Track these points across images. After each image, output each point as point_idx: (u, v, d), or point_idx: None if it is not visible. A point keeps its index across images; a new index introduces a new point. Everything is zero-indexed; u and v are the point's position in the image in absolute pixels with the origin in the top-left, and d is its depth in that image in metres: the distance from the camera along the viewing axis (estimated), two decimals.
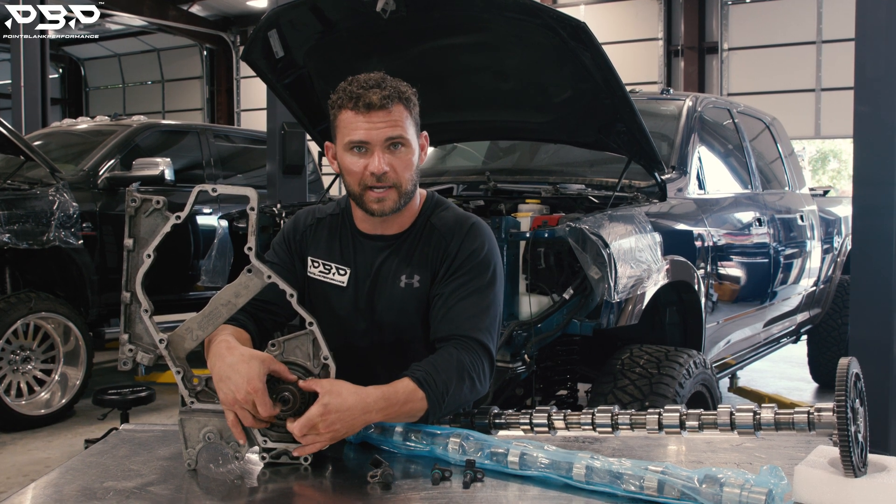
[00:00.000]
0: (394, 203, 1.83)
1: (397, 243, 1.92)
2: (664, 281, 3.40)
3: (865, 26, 3.72)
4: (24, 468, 4.44)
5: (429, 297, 1.88)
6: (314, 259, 1.96)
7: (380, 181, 1.79)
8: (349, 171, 1.82)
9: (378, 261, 1.92)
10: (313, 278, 1.96)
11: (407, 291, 1.88)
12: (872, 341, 3.66)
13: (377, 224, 1.91)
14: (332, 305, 1.93)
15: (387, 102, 1.76)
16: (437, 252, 1.89)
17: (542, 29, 3.04)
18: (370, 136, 1.77)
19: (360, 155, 1.79)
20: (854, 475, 1.27)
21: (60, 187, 5.39)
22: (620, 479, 1.36)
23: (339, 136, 1.83)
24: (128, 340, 1.56)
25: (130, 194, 1.55)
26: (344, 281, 1.92)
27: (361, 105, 1.76)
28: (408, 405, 1.63)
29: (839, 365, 1.32)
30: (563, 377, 3.45)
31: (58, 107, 22.54)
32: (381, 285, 1.91)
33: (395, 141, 1.79)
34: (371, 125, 1.76)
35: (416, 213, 1.94)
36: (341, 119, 1.80)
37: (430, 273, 1.88)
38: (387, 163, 1.78)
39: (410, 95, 1.83)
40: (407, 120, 1.81)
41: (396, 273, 1.90)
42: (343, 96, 1.79)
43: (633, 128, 3.31)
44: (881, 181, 3.66)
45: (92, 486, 1.43)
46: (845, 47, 11.65)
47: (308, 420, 1.50)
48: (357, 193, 1.83)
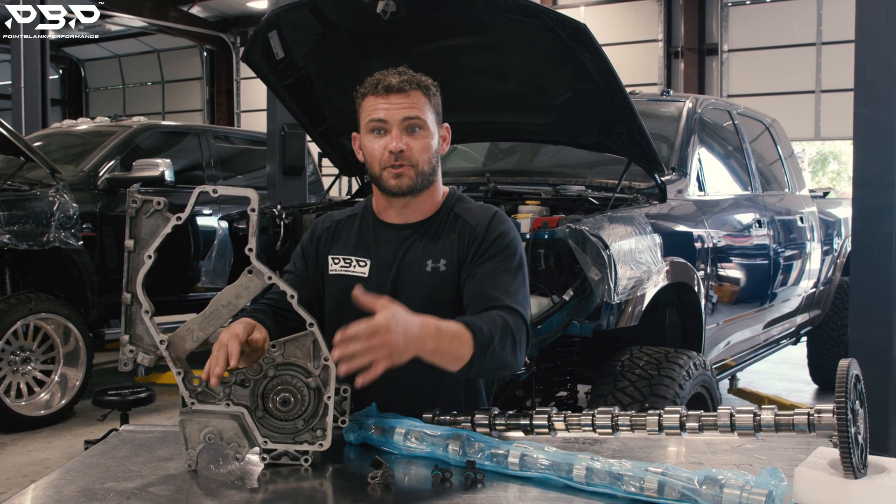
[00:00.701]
0: (411, 181, 1.88)
1: (422, 229, 1.96)
2: (664, 282, 3.40)
3: (865, 28, 3.72)
4: (24, 469, 4.43)
5: (458, 281, 1.90)
6: (334, 257, 1.99)
7: (397, 159, 1.86)
8: (370, 152, 1.90)
9: (403, 248, 1.95)
10: (335, 275, 1.98)
11: (434, 276, 1.91)
12: (872, 343, 3.66)
13: (400, 211, 1.95)
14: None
15: (405, 86, 1.86)
16: (463, 236, 1.92)
17: (542, 30, 3.04)
18: (388, 115, 1.86)
19: (380, 136, 1.88)
20: (854, 476, 1.28)
21: (60, 188, 5.39)
22: (621, 480, 1.36)
23: (361, 122, 1.92)
24: (128, 341, 1.57)
25: (131, 195, 1.55)
26: (365, 272, 1.95)
27: (381, 88, 1.86)
28: (455, 342, 1.63)
29: (839, 366, 1.32)
30: (563, 378, 3.45)
31: (58, 108, 22.54)
32: (405, 271, 1.93)
33: (413, 123, 1.87)
34: (389, 105, 1.86)
35: (438, 205, 1.99)
36: (363, 105, 1.90)
37: (458, 258, 1.91)
38: (404, 143, 1.86)
39: (430, 85, 1.92)
40: (425, 106, 1.90)
41: (422, 258, 1.92)
42: (366, 85, 1.90)
43: (633, 129, 3.31)
44: (881, 183, 3.66)
45: (92, 487, 1.43)
46: (845, 49, 11.64)
47: (373, 325, 1.47)
48: (377, 174, 1.90)
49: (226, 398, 1.57)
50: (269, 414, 1.57)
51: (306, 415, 1.56)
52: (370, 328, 1.47)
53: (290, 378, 1.57)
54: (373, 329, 1.47)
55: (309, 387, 1.56)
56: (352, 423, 1.67)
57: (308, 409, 1.56)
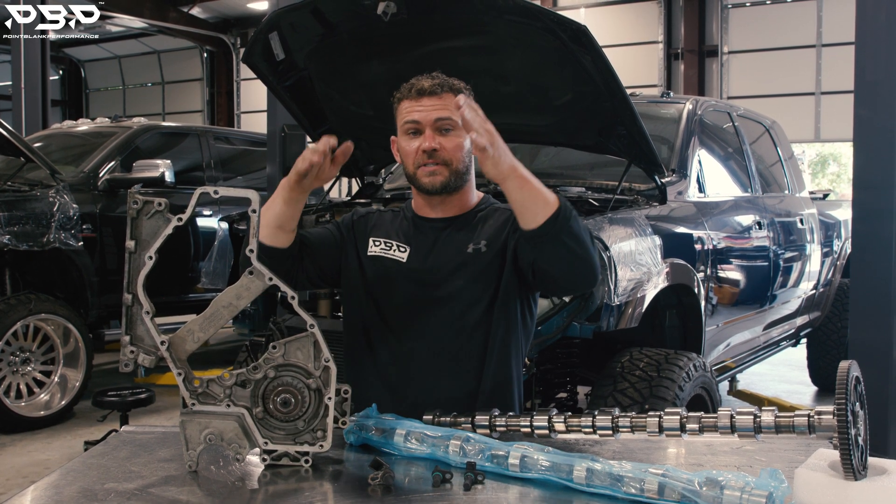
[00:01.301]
0: (444, 178, 1.97)
1: (459, 222, 2.05)
2: (664, 284, 3.40)
3: (865, 30, 3.72)
4: (24, 470, 4.43)
5: (502, 258, 1.98)
6: (376, 239, 2.08)
7: (431, 157, 1.95)
8: (405, 152, 2.00)
9: (442, 236, 2.04)
10: (374, 255, 2.06)
11: (475, 255, 1.99)
12: (872, 344, 3.66)
13: (437, 206, 2.05)
14: (393, 278, 2.02)
15: (437, 89, 1.97)
16: (500, 220, 2.02)
17: (542, 32, 3.04)
18: (421, 117, 1.96)
19: (414, 137, 1.98)
20: (854, 478, 1.28)
21: (60, 189, 5.40)
22: (621, 481, 1.36)
23: (398, 125, 2.02)
24: (129, 342, 1.57)
25: (132, 196, 1.55)
26: (404, 257, 2.03)
27: (414, 92, 1.98)
28: (542, 189, 1.77)
29: (839, 368, 1.32)
30: (563, 380, 3.44)
31: (58, 108, 22.55)
32: (444, 256, 2.01)
33: (445, 124, 1.96)
34: (422, 107, 1.96)
35: (473, 205, 2.08)
36: (399, 109, 2.01)
37: (501, 238, 1.99)
38: (437, 142, 1.95)
39: (462, 87, 2.01)
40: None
41: (463, 242, 2.01)
42: (402, 90, 2.02)
43: (634, 131, 3.31)
44: (881, 185, 3.66)
45: (92, 488, 1.43)
46: (845, 51, 11.66)
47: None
48: (412, 174, 2.00)
49: (226, 399, 1.57)
50: (269, 415, 1.57)
51: (307, 416, 1.56)
52: (485, 119, 1.70)
53: (291, 379, 1.57)
54: (486, 120, 1.70)
55: (309, 388, 1.56)
56: (352, 424, 1.67)
57: (308, 410, 1.56)
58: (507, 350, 2.02)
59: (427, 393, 1.94)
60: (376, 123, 3.76)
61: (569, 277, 1.88)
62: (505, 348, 2.01)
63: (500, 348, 2.00)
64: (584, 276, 1.87)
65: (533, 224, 1.78)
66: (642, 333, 3.50)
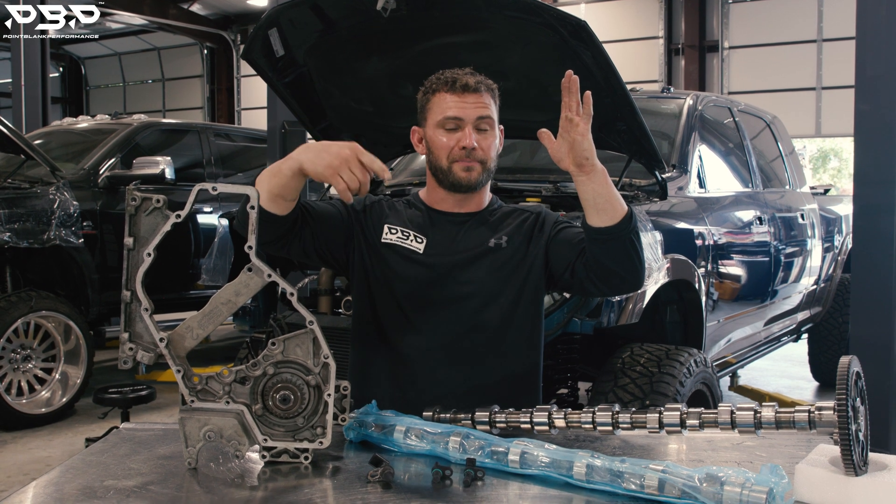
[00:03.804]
0: (478, 175, 1.98)
1: (479, 217, 2.06)
2: (665, 279, 3.40)
3: (866, 24, 3.71)
4: (25, 467, 4.44)
5: (526, 255, 2.00)
6: (392, 227, 2.05)
7: (468, 155, 1.95)
8: (439, 146, 1.98)
9: (461, 231, 2.04)
10: (389, 243, 2.04)
11: (496, 250, 2.01)
12: (873, 340, 3.65)
13: (456, 202, 2.04)
14: (409, 267, 2.02)
15: (479, 87, 1.97)
16: (522, 220, 2.05)
17: (542, 27, 3.03)
18: (464, 113, 1.95)
19: (451, 132, 1.96)
20: (855, 474, 1.27)
21: (61, 186, 5.39)
22: (621, 477, 1.36)
23: (430, 117, 2.00)
24: (128, 339, 1.56)
25: (131, 193, 1.54)
26: (421, 248, 2.03)
27: (458, 86, 1.96)
28: (615, 194, 1.80)
29: (840, 363, 1.32)
30: (564, 376, 3.44)
31: (58, 106, 22.53)
32: (464, 249, 2.01)
33: (484, 122, 1.96)
34: (465, 104, 1.95)
35: (487, 204, 2.10)
36: (435, 101, 1.99)
37: (523, 235, 2.02)
38: (475, 140, 1.95)
39: (495, 88, 2.02)
40: (493, 107, 1.99)
41: (485, 236, 2.02)
42: (437, 82, 2.00)
43: (634, 126, 3.31)
44: (882, 180, 3.66)
45: (92, 485, 1.43)
46: (846, 45, 11.64)
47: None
48: (445, 167, 1.98)
49: (226, 396, 1.57)
50: (269, 411, 1.57)
51: (306, 412, 1.56)
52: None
53: (290, 376, 1.56)
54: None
55: (309, 384, 1.56)
56: (352, 420, 1.67)
57: (308, 407, 1.56)
58: (533, 343, 2.05)
59: (440, 385, 1.95)
60: (376, 120, 3.76)
61: (624, 277, 1.91)
62: (526, 342, 2.04)
63: (520, 342, 2.02)
64: (639, 278, 1.91)
65: (610, 221, 1.81)
66: (643, 329, 3.50)
